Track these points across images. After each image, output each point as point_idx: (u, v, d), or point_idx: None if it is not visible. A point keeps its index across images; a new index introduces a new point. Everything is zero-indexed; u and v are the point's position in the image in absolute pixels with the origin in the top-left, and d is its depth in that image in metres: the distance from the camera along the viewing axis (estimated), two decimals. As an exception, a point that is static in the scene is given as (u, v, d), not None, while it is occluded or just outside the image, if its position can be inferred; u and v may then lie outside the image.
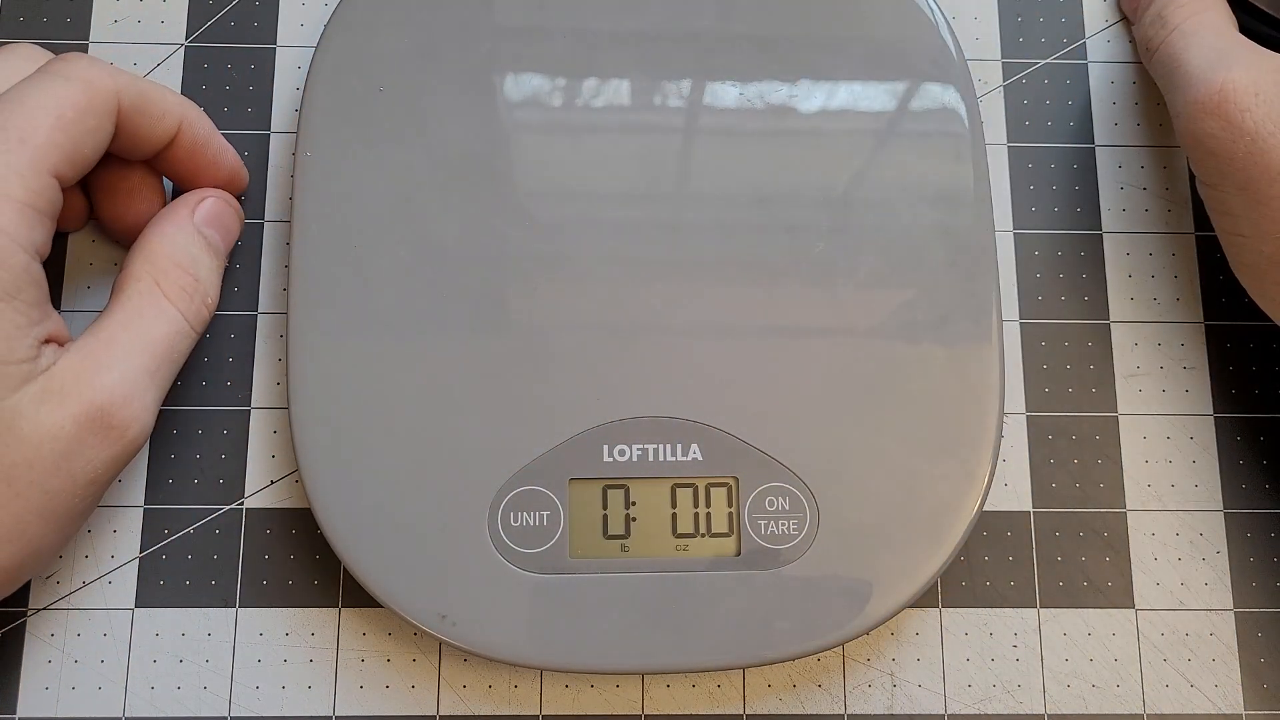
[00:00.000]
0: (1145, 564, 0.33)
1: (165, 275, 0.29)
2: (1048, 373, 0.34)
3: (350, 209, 0.32)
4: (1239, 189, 0.30)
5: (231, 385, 0.33)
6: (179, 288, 0.29)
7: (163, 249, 0.30)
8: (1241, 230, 0.30)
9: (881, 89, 0.33)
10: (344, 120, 0.32)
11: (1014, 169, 0.36)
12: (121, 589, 0.32)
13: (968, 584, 0.33)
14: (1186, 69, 0.31)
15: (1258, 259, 0.30)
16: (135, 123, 0.29)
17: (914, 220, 0.32)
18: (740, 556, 0.30)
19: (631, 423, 0.31)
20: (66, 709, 0.31)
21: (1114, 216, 0.35)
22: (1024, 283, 0.35)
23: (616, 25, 0.34)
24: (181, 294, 0.29)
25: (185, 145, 0.31)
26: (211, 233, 0.31)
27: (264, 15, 0.36)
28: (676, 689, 0.32)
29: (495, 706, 0.32)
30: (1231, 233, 0.31)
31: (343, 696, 0.32)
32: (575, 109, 0.33)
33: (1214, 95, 0.30)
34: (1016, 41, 0.37)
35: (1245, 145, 0.29)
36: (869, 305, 0.32)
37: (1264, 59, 0.30)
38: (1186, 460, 0.34)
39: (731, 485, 0.31)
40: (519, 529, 0.30)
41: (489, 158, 0.32)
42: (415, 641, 0.32)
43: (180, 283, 0.29)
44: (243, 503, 0.33)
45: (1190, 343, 0.35)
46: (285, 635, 0.32)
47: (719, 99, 0.33)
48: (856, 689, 0.32)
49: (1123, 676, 0.32)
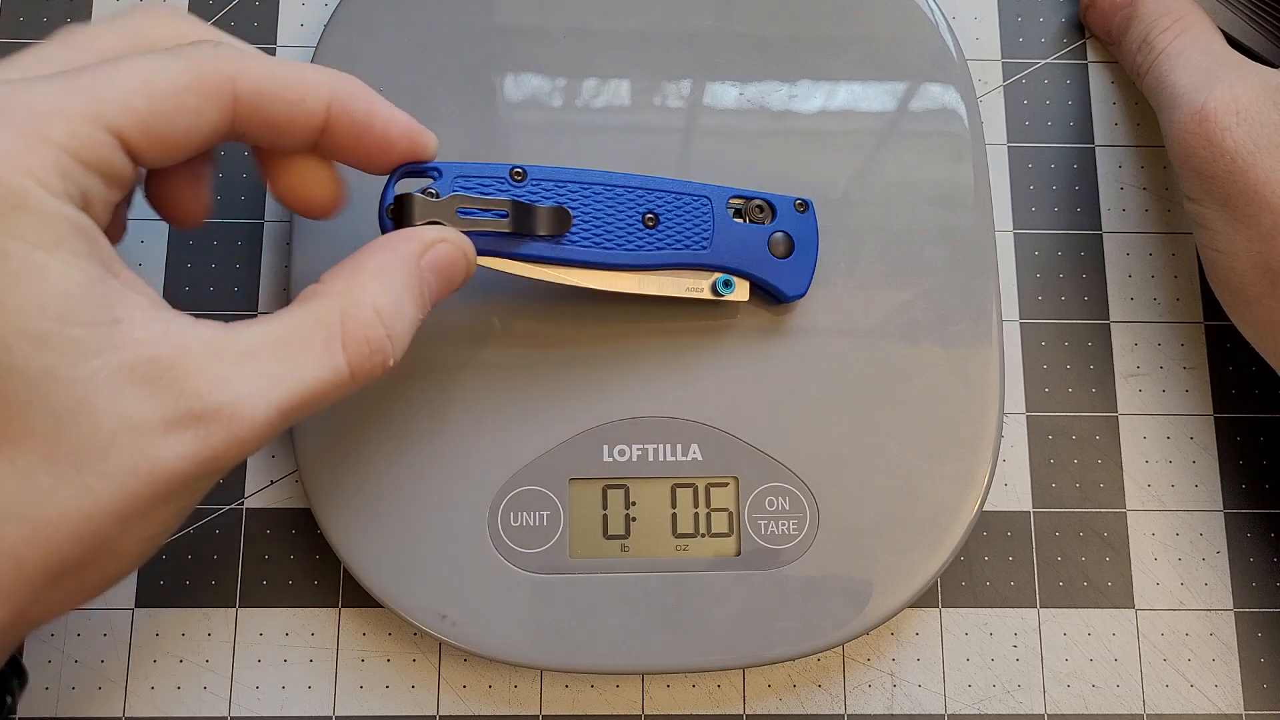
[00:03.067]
0: (1145, 564, 0.33)
1: (356, 318, 0.24)
2: (1048, 373, 0.34)
3: (350, 209, 0.32)
4: (1219, 206, 0.30)
5: (231, 385, 0.33)
6: (363, 339, 0.24)
7: (370, 286, 0.25)
8: (1219, 246, 0.31)
9: (881, 89, 0.33)
10: (344, 120, 0.32)
11: (1014, 169, 0.36)
12: (121, 589, 0.32)
13: (968, 584, 0.33)
14: (1174, 90, 0.32)
15: (1233, 276, 0.30)
16: (269, 112, 0.25)
17: (914, 220, 0.32)
18: (740, 556, 0.30)
19: (631, 423, 0.31)
20: (66, 709, 0.31)
21: (1114, 216, 0.35)
22: (1024, 283, 0.35)
23: (616, 25, 0.34)
24: (362, 347, 0.24)
25: (343, 126, 0.26)
26: (433, 280, 0.26)
27: (264, 15, 0.36)
28: (676, 689, 0.32)
29: (495, 706, 0.32)
30: (1210, 248, 0.31)
31: (343, 696, 0.32)
32: (575, 109, 0.33)
33: (1196, 115, 0.30)
34: (1016, 41, 0.37)
35: (1225, 164, 0.30)
36: (869, 305, 0.32)
37: (1247, 76, 0.30)
38: (1186, 460, 0.34)
39: (731, 485, 0.31)
40: (519, 529, 0.30)
41: (488, 158, 0.32)
42: (415, 641, 0.32)
43: (368, 334, 0.24)
44: (243, 503, 0.33)
45: (1190, 343, 0.35)
46: (285, 635, 0.32)
47: (719, 99, 0.33)
48: (856, 689, 0.32)
49: (1123, 676, 0.32)
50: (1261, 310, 0.30)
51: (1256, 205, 0.29)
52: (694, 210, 0.30)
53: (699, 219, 0.30)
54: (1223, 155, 0.30)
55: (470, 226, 0.27)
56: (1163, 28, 0.33)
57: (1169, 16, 0.33)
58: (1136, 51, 0.34)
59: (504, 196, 0.28)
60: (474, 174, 0.28)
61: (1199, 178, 0.30)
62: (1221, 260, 0.31)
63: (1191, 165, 0.31)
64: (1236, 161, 0.29)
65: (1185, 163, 0.31)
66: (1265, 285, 0.29)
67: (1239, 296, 0.31)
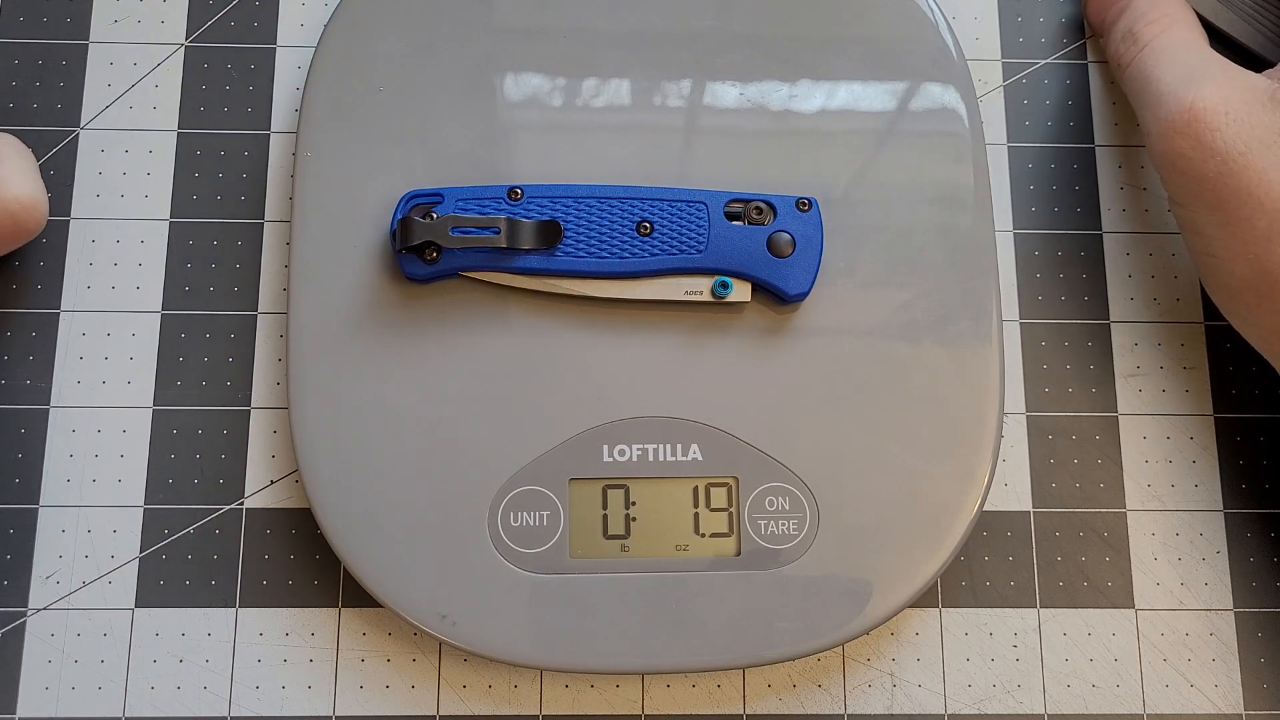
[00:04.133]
0: (1145, 564, 0.33)
1: None
2: (1048, 373, 0.34)
3: (350, 209, 0.32)
4: (1210, 209, 0.30)
5: (231, 385, 0.33)
6: None
7: None
8: (1214, 251, 0.30)
9: (881, 89, 0.33)
10: (344, 120, 0.32)
11: (1014, 169, 0.36)
12: (121, 589, 0.32)
13: (968, 584, 0.33)
14: (1157, 87, 0.31)
15: (1230, 280, 0.30)
16: None
17: (914, 220, 0.32)
18: (740, 557, 0.30)
19: (631, 423, 0.31)
20: (66, 709, 0.31)
21: (1114, 216, 0.35)
22: (1024, 283, 0.35)
23: (616, 25, 0.34)
24: None
25: None
26: None
27: (264, 15, 0.36)
28: (676, 689, 0.32)
29: (495, 706, 0.32)
30: (1204, 253, 0.31)
31: (343, 696, 0.32)
32: (575, 109, 0.33)
33: (1184, 114, 0.30)
34: (1016, 41, 0.37)
35: (1216, 165, 0.29)
36: (868, 305, 0.32)
37: (1234, 77, 0.30)
38: (1186, 460, 0.34)
39: (731, 485, 0.31)
40: (519, 529, 0.30)
41: (488, 157, 0.32)
42: (415, 641, 0.32)
43: None
44: (243, 503, 0.33)
45: (1190, 343, 0.35)
46: (285, 635, 0.32)
47: (719, 99, 0.33)
48: (856, 689, 0.32)
49: (1123, 676, 0.32)
50: (1262, 313, 0.30)
51: (1250, 208, 0.29)
52: (688, 216, 0.31)
53: (693, 224, 0.31)
54: (1213, 156, 0.29)
55: (465, 244, 0.30)
56: (1149, 20, 0.33)
57: (1157, 10, 0.33)
58: (1120, 42, 0.33)
59: (499, 215, 0.30)
60: (473, 196, 0.31)
61: (1186, 180, 0.30)
62: (1218, 265, 0.30)
63: (1179, 166, 0.30)
64: (1228, 163, 0.29)
65: (1171, 164, 0.30)
66: (1265, 288, 0.29)
67: (1237, 301, 0.30)
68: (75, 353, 0.33)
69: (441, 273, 0.31)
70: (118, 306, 0.34)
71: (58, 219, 0.34)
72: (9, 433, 0.33)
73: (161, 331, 0.34)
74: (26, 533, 0.32)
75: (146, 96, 0.35)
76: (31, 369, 0.33)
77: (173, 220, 0.34)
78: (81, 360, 0.33)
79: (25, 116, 0.35)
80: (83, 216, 0.34)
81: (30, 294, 0.34)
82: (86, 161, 0.35)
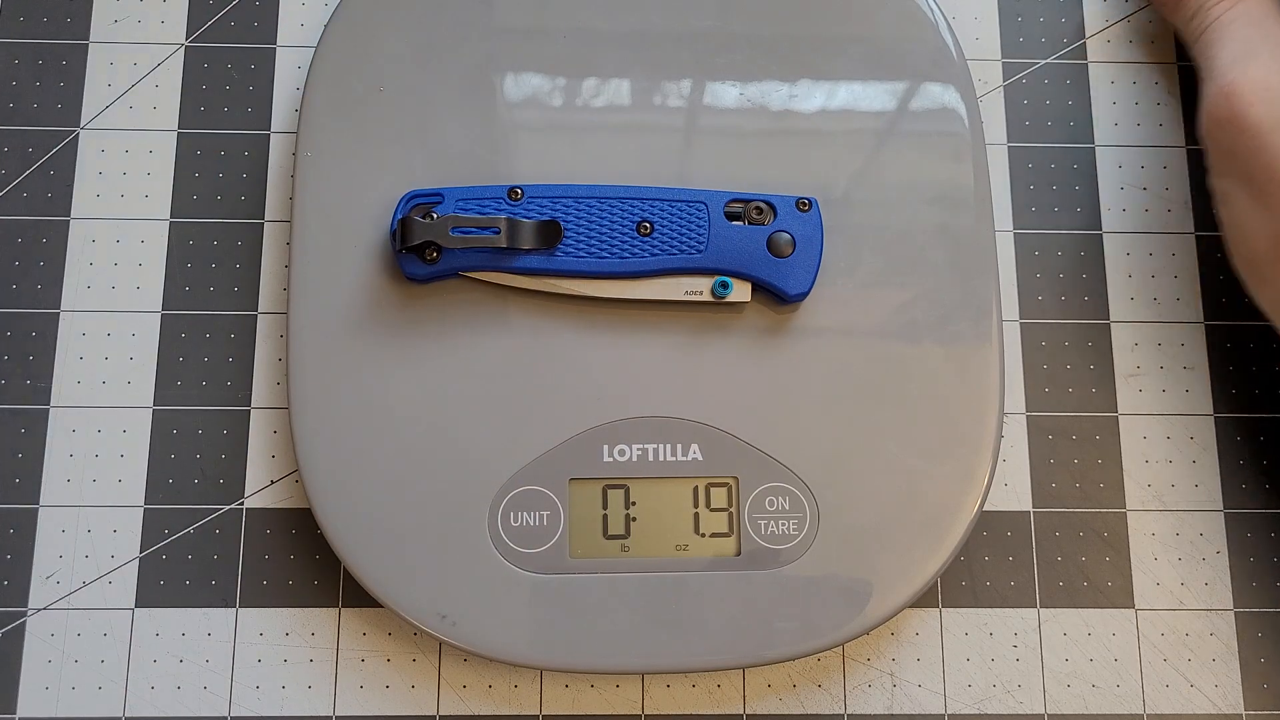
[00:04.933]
0: (1145, 564, 0.33)
1: None
2: (1048, 373, 0.34)
3: (350, 209, 0.32)
4: (1241, 181, 0.30)
5: (231, 385, 0.33)
6: None
7: None
8: (1239, 221, 0.31)
9: (881, 89, 0.33)
10: (344, 120, 0.32)
11: (1014, 169, 0.36)
12: (121, 589, 0.32)
13: (968, 584, 0.33)
14: (1215, 61, 0.32)
15: (1254, 253, 0.31)
16: None
17: (914, 220, 0.32)
18: (740, 557, 0.30)
19: (631, 423, 0.31)
20: (66, 709, 0.31)
21: (1114, 216, 0.35)
22: (1024, 283, 0.35)
23: (616, 25, 0.34)
24: None
25: None
26: None
27: (264, 15, 0.36)
28: (676, 689, 0.32)
29: (495, 706, 0.32)
30: (1231, 224, 0.31)
31: (343, 696, 0.32)
32: (575, 109, 0.33)
33: (1225, 89, 0.30)
34: (1016, 41, 0.37)
35: (1248, 140, 0.30)
36: (869, 305, 0.32)
37: None
38: (1186, 460, 0.34)
39: (731, 485, 0.31)
40: (519, 529, 0.30)
41: (488, 157, 0.32)
42: (415, 641, 0.32)
43: None
44: (243, 503, 0.33)
45: (1190, 343, 0.35)
46: (285, 635, 0.32)
47: (719, 99, 0.33)
48: (856, 689, 0.32)
49: (1123, 676, 0.32)
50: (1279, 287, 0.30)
51: (1275, 183, 0.29)
52: (688, 216, 0.31)
53: (693, 224, 0.31)
54: (1244, 132, 0.30)
55: (465, 244, 0.30)
56: None
57: None
58: (1192, 17, 0.34)
59: (500, 215, 0.30)
60: (474, 196, 0.31)
61: (1222, 152, 0.31)
62: (1244, 237, 0.31)
63: (1216, 139, 0.31)
64: (1259, 139, 0.29)
65: (1211, 136, 0.31)
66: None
67: (1257, 273, 0.31)
68: (75, 353, 0.33)
69: (441, 273, 0.31)
70: (118, 306, 0.34)
71: (58, 219, 0.34)
72: (9, 433, 0.33)
73: (161, 331, 0.34)
74: (26, 533, 0.32)
75: (146, 96, 0.35)
76: (31, 369, 0.33)
77: (173, 220, 0.34)
78: (81, 360, 0.33)
79: (25, 116, 0.35)
80: (83, 216, 0.34)
81: (30, 294, 0.34)
82: (86, 161, 0.35)
